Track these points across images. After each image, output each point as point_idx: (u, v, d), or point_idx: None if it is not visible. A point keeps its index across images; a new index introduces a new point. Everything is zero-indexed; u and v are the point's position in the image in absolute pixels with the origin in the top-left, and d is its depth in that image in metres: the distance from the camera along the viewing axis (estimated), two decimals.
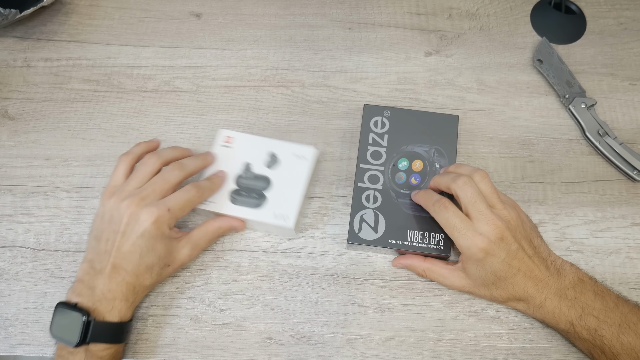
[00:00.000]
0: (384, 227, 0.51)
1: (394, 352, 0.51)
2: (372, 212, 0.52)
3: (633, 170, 0.56)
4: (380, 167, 0.54)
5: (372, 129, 0.55)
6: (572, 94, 0.59)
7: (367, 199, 0.53)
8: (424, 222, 0.51)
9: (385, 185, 0.53)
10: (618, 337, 0.44)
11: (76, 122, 0.59)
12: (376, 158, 0.54)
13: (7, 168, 0.57)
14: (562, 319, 0.46)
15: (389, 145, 0.55)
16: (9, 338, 0.51)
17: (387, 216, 0.52)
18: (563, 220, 0.55)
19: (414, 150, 0.54)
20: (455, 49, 0.63)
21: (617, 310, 0.45)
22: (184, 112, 0.60)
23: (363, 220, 0.52)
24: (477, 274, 0.47)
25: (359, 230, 0.51)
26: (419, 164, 0.54)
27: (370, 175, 0.53)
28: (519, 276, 0.46)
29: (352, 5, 0.65)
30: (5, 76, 0.61)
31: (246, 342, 0.51)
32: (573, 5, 0.65)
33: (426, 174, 0.53)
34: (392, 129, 0.55)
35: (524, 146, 0.58)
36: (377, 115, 0.56)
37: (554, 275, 0.47)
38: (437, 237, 0.51)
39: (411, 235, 0.51)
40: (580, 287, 0.47)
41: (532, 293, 0.47)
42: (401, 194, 0.53)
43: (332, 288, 0.53)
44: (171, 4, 0.65)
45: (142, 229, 0.45)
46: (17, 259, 0.54)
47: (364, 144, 0.55)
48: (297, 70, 0.62)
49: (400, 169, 0.54)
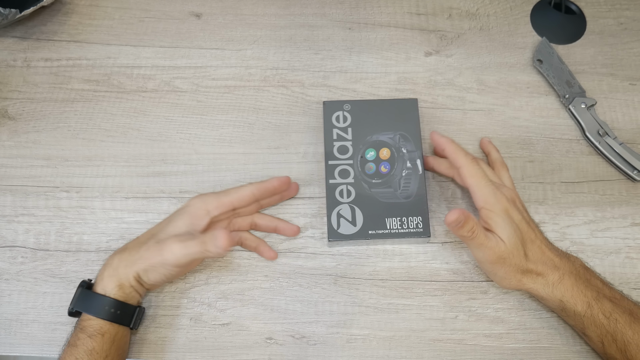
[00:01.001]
0: (362, 219, 0.52)
1: (394, 352, 0.51)
2: (347, 207, 0.52)
3: (633, 170, 0.56)
4: (349, 160, 0.54)
5: (335, 124, 0.56)
6: (572, 94, 0.59)
7: (340, 194, 0.53)
8: (400, 208, 0.52)
9: (356, 178, 0.53)
10: (631, 325, 0.45)
11: (76, 122, 0.59)
12: (343, 153, 0.54)
13: (7, 168, 0.57)
14: (580, 298, 0.46)
15: (354, 138, 0.55)
16: (9, 338, 0.51)
17: (363, 208, 0.52)
18: (563, 220, 0.55)
19: (379, 139, 0.55)
20: (455, 49, 0.63)
21: (624, 301, 0.46)
22: (184, 112, 0.60)
23: (340, 216, 0.52)
24: (507, 230, 0.46)
25: (337, 227, 0.52)
26: (386, 151, 0.54)
27: (341, 171, 0.54)
28: (536, 244, 0.48)
29: (352, 5, 0.65)
30: (5, 76, 0.61)
31: (246, 342, 0.51)
32: (573, 5, 0.65)
33: (395, 161, 0.54)
34: (354, 121, 0.56)
35: (524, 146, 0.58)
36: (338, 110, 0.56)
37: (563, 257, 0.48)
38: (415, 220, 0.52)
39: (390, 222, 0.52)
40: (589, 273, 0.48)
41: (550, 266, 0.47)
42: (373, 184, 0.53)
43: (332, 288, 0.53)
44: (171, 4, 0.65)
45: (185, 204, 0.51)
46: (17, 259, 0.54)
47: (329, 141, 0.55)
48: (297, 70, 0.62)
49: (368, 159, 0.54)
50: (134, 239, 0.50)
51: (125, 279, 0.47)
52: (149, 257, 0.47)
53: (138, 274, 0.47)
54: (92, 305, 0.47)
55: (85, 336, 0.46)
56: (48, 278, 0.53)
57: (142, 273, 0.47)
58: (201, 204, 0.50)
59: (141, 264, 0.47)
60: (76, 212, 0.56)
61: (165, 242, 0.47)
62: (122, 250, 0.49)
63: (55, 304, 0.52)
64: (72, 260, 0.54)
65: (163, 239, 0.47)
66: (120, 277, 0.47)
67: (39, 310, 0.52)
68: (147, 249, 0.47)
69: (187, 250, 0.46)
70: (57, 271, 0.53)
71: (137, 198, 0.56)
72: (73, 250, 0.54)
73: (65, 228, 0.55)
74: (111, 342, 0.46)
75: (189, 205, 0.50)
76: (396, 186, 0.53)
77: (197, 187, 0.56)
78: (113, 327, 0.46)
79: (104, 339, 0.46)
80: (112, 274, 0.47)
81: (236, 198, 0.51)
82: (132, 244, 0.49)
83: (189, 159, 0.58)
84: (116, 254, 0.49)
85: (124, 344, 0.48)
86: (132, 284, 0.47)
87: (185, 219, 0.49)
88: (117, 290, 0.47)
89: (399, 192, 0.53)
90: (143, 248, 0.48)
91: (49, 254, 0.54)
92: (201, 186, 0.56)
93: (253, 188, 0.51)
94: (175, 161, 0.58)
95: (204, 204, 0.50)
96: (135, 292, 0.48)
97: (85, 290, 0.48)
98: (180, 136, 0.59)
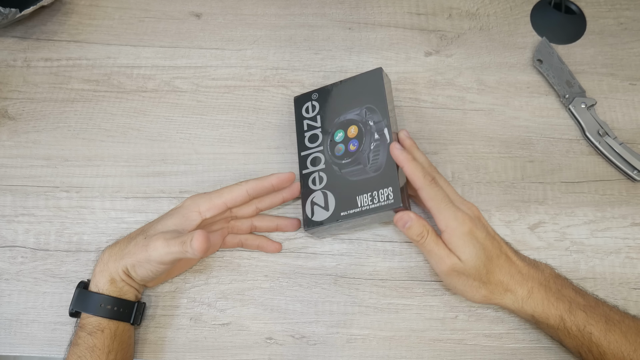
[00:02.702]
0: (334, 203, 0.51)
1: (394, 352, 0.51)
2: (320, 193, 0.52)
3: (633, 170, 0.56)
4: (319, 147, 0.54)
5: (304, 116, 0.56)
6: (572, 94, 0.59)
7: (313, 182, 0.52)
8: (370, 183, 0.50)
9: (327, 162, 0.53)
10: (606, 335, 0.44)
11: (76, 122, 0.59)
12: (313, 141, 0.54)
13: (7, 168, 0.57)
14: (552, 312, 0.45)
15: (323, 124, 0.54)
16: (9, 338, 0.51)
17: (335, 191, 0.51)
18: (563, 220, 0.55)
19: (347, 118, 0.54)
20: (455, 49, 0.63)
21: (599, 308, 0.45)
22: (184, 112, 0.60)
23: (314, 204, 0.51)
24: (467, 251, 0.45)
25: (312, 215, 0.51)
26: (354, 129, 0.53)
27: (312, 159, 0.53)
28: (501, 259, 0.46)
29: (352, 5, 0.65)
30: (5, 76, 0.61)
31: (246, 342, 0.51)
32: (573, 5, 0.65)
33: (362, 136, 0.52)
34: (322, 108, 0.55)
35: (524, 146, 0.58)
36: (307, 101, 0.56)
37: (532, 267, 0.47)
38: (385, 193, 0.49)
39: (360, 200, 0.50)
40: (560, 281, 0.47)
41: (518, 280, 0.46)
42: (343, 164, 0.52)
43: (332, 288, 0.53)
44: (171, 4, 0.65)
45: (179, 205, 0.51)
46: (17, 259, 0.54)
47: (300, 133, 0.55)
48: (297, 70, 0.62)
49: (337, 141, 0.53)
50: (127, 236, 0.50)
51: (116, 274, 0.47)
52: (135, 253, 0.46)
53: (127, 268, 0.47)
54: (89, 304, 0.47)
55: (85, 334, 0.46)
56: (48, 278, 0.53)
57: (130, 268, 0.47)
58: (193, 205, 0.49)
59: (129, 259, 0.47)
60: (76, 212, 0.56)
61: (152, 238, 0.46)
62: (113, 245, 0.49)
63: (55, 304, 0.52)
64: (72, 260, 0.54)
65: (150, 235, 0.47)
66: (111, 272, 0.47)
67: (39, 310, 0.52)
68: (135, 244, 0.47)
69: (169, 249, 0.45)
70: (57, 271, 0.53)
71: (137, 198, 0.56)
72: (73, 250, 0.54)
73: (65, 228, 0.55)
74: (112, 338, 0.46)
75: (182, 206, 0.50)
76: (365, 161, 0.51)
77: (197, 187, 0.56)
78: (112, 323, 0.47)
79: (104, 335, 0.46)
80: (102, 269, 0.48)
81: (229, 199, 0.50)
82: (124, 239, 0.50)
83: (189, 159, 0.58)
84: (107, 249, 0.49)
85: (127, 339, 0.48)
86: (123, 277, 0.47)
87: (176, 219, 0.49)
88: (109, 286, 0.47)
89: (369, 166, 0.51)
90: (132, 243, 0.47)
91: (49, 254, 0.54)
92: (201, 186, 0.56)
93: (248, 186, 0.50)
94: (175, 161, 0.58)
95: (196, 205, 0.49)
96: (128, 287, 0.48)
97: (82, 290, 0.48)
98: (180, 136, 0.59)
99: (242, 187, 0.50)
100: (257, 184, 0.50)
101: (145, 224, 0.51)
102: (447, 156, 0.58)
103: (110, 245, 0.50)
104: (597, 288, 0.52)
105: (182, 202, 0.51)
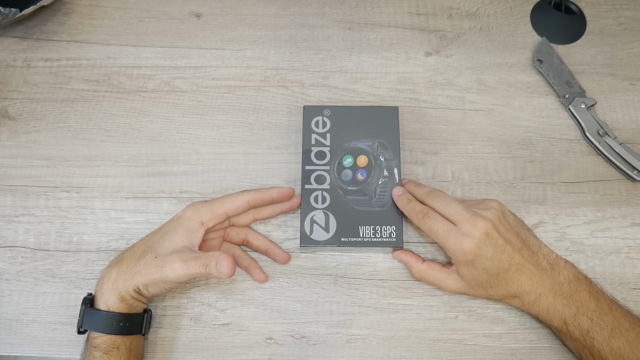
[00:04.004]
0: (335, 226, 0.52)
1: (394, 352, 0.51)
2: (322, 213, 0.52)
3: (633, 170, 0.56)
4: (326, 166, 0.54)
5: (314, 130, 0.55)
6: (572, 94, 0.59)
7: (315, 200, 0.53)
8: (375, 217, 0.52)
9: (332, 184, 0.53)
10: (609, 342, 0.44)
11: (76, 122, 0.59)
12: (320, 158, 0.54)
13: (7, 168, 0.57)
14: (556, 317, 0.46)
15: (332, 144, 0.55)
16: (9, 338, 0.51)
17: (337, 215, 0.52)
18: (563, 220, 0.55)
19: (358, 146, 0.54)
20: (455, 49, 0.63)
21: (610, 313, 0.45)
22: (184, 112, 0.60)
23: (314, 222, 0.52)
24: (470, 274, 0.47)
25: (310, 232, 0.51)
26: (364, 159, 0.54)
27: (317, 176, 0.53)
28: (510, 271, 0.46)
29: (352, 5, 0.65)
30: (5, 76, 0.61)
31: (246, 342, 0.51)
32: (573, 5, 0.65)
33: (372, 169, 0.53)
34: (333, 127, 0.55)
35: (524, 146, 0.58)
36: (318, 115, 0.56)
37: (547, 270, 0.47)
38: (389, 230, 0.51)
39: (363, 230, 0.51)
40: (576, 285, 0.47)
41: (526, 288, 0.46)
42: (349, 191, 0.53)
43: (332, 288, 0.53)
44: (171, 4, 0.65)
45: (178, 215, 0.50)
46: (17, 259, 0.54)
47: (307, 145, 0.55)
48: (297, 70, 0.62)
49: (345, 166, 0.54)
50: (129, 249, 0.49)
51: (125, 292, 0.46)
52: (148, 273, 0.46)
53: (138, 287, 0.46)
54: (100, 323, 0.46)
55: (101, 354, 0.45)
56: (48, 278, 0.53)
57: (142, 287, 0.46)
58: (195, 216, 0.49)
59: (140, 279, 0.46)
60: (76, 212, 0.56)
61: (166, 259, 0.46)
62: (118, 261, 0.48)
63: (55, 304, 0.52)
64: (72, 260, 0.54)
65: (162, 255, 0.46)
66: (120, 291, 0.46)
67: (39, 310, 0.52)
68: (146, 263, 0.46)
69: (188, 271, 0.45)
70: (57, 271, 0.53)
71: (137, 198, 0.56)
72: (73, 250, 0.54)
73: (65, 228, 0.55)
74: (128, 353, 0.46)
75: (183, 218, 0.49)
76: (372, 194, 0.53)
77: (197, 187, 0.56)
78: (127, 338, 0.46)
79: (120, 352, 0.46)
80: (111, 287, 0.46)
81: (231, 208, 0.50)
82: (128, 255, 0.48)
83: (189, 159, 0.58)
84: (113, 266, 0.48)
85: (140, 349, 0.48)
86: (133, 295, 0.47)
87: (181, 233, 0.48)
88: (119, 304, 0.46)
89: (374, 200, 0.52)
90: (141, 262, 0.47)
91: (49, 254, 0.54)
92: (201, 186, 0.56)
93: (249, 197, 0.50)
94: (175, 161, 0.58)
95: (198, 216, 0.49)
96: (137, 302, 0.48)
97: (90, 308, 0.47)
98: (180, 136, 0.59)
99: (244, 198, 0.50)
100: (259, 196, 0.51)
101: (147, 237, 0.50)
102: (447, 156, 0.58)
103: (114, 261, 0.48)
104: None
105: (183, 212, 0.50)
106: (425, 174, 0.57)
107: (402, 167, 0.57)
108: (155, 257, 0.46)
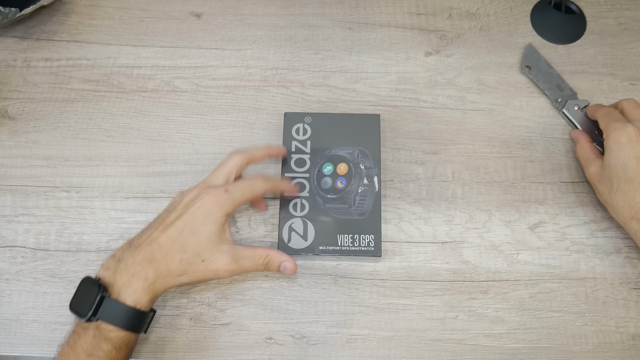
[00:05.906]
0: (314, 234, 0.52)
1: (394, 352, 0.51)
2: (300, 221, 0.52)
3: None
4: (305, 174, 0.54)
5: (294, 137, 0.55)
6: (564, 97, 0.59)
7: (294, 208, 0.53)
8: (353, 225, 0.52)
9: (311, 192, 0.53)
10: None
11: (76, 122, 0.59)
12: (300, 166, 0.54)
13: (7, 168, 0.57)
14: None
15: (312, 151, 0.54)
16: (9, 338, 0.51)
17: (315, 223, 0.52)
18: (563, 220, 0.55)
19: (338, 153, 0.54)
20: (455, 49, 0.63)
21: None
22: (184, 112, 0.60)
23: (292, 230, 0.52)
24: (610, 163, 0.49)
25: (288, 240, 0.52)
26: (344, 167, 0.54)
27: (296, 184, 0.53)
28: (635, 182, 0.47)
29: (352, 5, 0.65)
30: (5, 76, 0.61)
31: (246, 342, 0.51)
32: (573, 5, 0.65)
33: (352, 177, 0.53)
34: (314, 134, 0.55)
35: (524, 146, 0.58)
36: (299, 122, 0.56)
37: None
38: (367, 239, 0.51)
39: (341, 239, 0.51)
40: None
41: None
42: (328, 199, 0.53)
43: (332, 288, 0.53)
44: (171, 4, 0.65)
45: (196, 205, 0.47)
46: (17, 259, 0.54)
47: (287, 153, 0.54)
48: (297, 70, 0.62)
49: (325, 173, 0.54)
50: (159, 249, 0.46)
51: (160, 292, 0.46)
52: (197, 274, 0.46)
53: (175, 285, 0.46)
54: (123, 318, 0.43)
55: (111, 348, 0.43)
56: (48, 278, 0.53)
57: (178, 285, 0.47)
58: (219, 209, 0.47)
59: (185, 279, 0.46)
60: (76, 212, 0.56)
61: (217, 261, 0.46)
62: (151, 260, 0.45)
63: (55, 304, 0.52)
64: (72, 260, 0.54)
65: (208, 257, 0.46)
66: (156, 291, 0.45)
67: (39, 310, 0.52)
68: (192, 265, 0.45)
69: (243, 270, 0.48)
70: (57, 271, 0.53)
71: (137, 198, 0.56)
72: (73, 250, 0.54)
73: (65, 228, 0.55)
74: (130, 350, 0.46)
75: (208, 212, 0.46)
76: (351, 202, 0.52)
77: None
78: (135, 335, 0.45)
79: (128, 349, 0.45)
80: (147, 287, 0.44)
81: (251, 197, 0.50)
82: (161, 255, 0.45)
83: (189, 159, 0.58)
84: (149, 266, 0.45)
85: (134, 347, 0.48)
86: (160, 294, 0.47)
87: (212, 227, 0.46)
88: (149, 304, 0.45)
89: (353, 209, 0.52)
90: (184, 263, 0.45)
91: (49, 254, 0.54)
92: None
93: (267, 187, 0.50)
94: (175, 161, 0.58)
95: (222, 209, 0.47)
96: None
97: (112, 300, 0.43)
98: (180, 136, 0.59)
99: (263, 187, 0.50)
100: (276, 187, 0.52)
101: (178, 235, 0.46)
102: (447, 156, 0.58)
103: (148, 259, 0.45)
104: (597, 288, 0.52)
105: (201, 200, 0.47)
106: (425, 174, 0.57)
107: (402, 167, 0.57)
108: (202, 261, 0.46)
